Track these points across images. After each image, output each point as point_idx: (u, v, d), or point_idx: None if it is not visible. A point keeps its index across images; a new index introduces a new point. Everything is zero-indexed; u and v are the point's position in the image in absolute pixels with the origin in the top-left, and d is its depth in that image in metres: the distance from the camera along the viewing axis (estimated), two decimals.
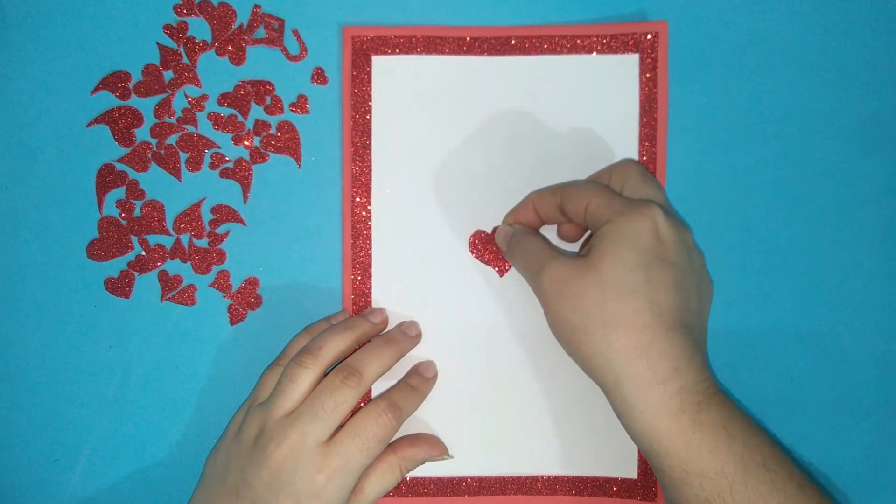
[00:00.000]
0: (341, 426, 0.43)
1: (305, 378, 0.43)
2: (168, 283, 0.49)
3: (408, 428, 0.48)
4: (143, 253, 0.49)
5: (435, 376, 0.48)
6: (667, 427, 0.38)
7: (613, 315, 0.39)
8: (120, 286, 0.49)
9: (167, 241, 0.49)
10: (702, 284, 0.42)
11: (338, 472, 0.42)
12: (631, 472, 0.48)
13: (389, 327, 0.48)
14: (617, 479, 0.49)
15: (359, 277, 0.48)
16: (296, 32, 0.48)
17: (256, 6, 0.48)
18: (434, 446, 0.47)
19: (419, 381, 0.47)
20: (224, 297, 0.49)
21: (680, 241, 0.41)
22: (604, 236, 0.40)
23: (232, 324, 0.49)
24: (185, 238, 0.49)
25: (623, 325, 0.39)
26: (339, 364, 0.44)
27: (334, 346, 0.44)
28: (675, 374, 0.38)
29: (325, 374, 0.44)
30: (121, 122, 0.48)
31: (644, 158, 0.48)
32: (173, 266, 0.49)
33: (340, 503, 0.42)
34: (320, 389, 0.43)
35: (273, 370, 0.46)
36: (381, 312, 0.48)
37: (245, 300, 0.49)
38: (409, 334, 0.47)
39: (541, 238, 0.45)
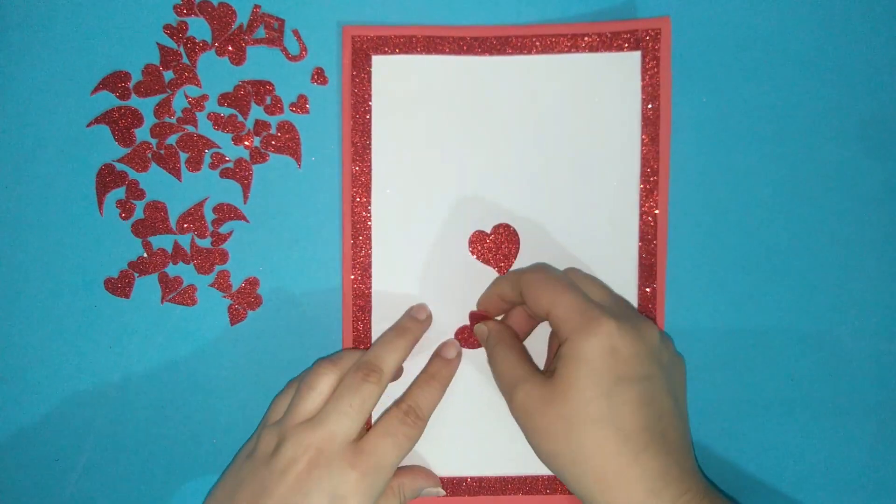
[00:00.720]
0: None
1: (325, 382, 0.43)
2: (168, 285, 0.49)
3: None
4: (146, 255, 0.49)
5: (457, 357, 0.48)
6: None
7: (581, 448, 0.39)
8: (120, 286, 0.49)
9: (168, 244, 0.49)
10: (673, 380, 0.42)
11: (372, 470, 0.41)
12: None
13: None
14: None
15: (359, 277, 0.48)
16: (296, 32, 0.48)
17: (256, 6, 0.48)
18: (431, 477, 0.47)
19: (439, 365, 0.47)
20: (224, 296, 0.49)
21: (639, 351, 0.40)
22: (563, 359, 0.40)
23: (232, 324, 0.49)
24: (186, 239, 0.49)
25: (592, 458, 0.39)
26: (357, 362, 0.44)
27: (351, 354, 0.45)
28: (650, 496, 0.38)
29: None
30: (121, 122, 0.48)
31: (646, 157, 0.48)
32: (174, 268, 0.49)
33: None
34: (342, 390, 0.43)
35: (285, 392, 0.45)
36: (422, 309, 0.48)
37: (245, 300, 0.49)
38: (419, 318, 0.47)
39: (515, 349, 0.44)
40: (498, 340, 0.45)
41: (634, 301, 0.48)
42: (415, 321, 0.47)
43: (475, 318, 0.48)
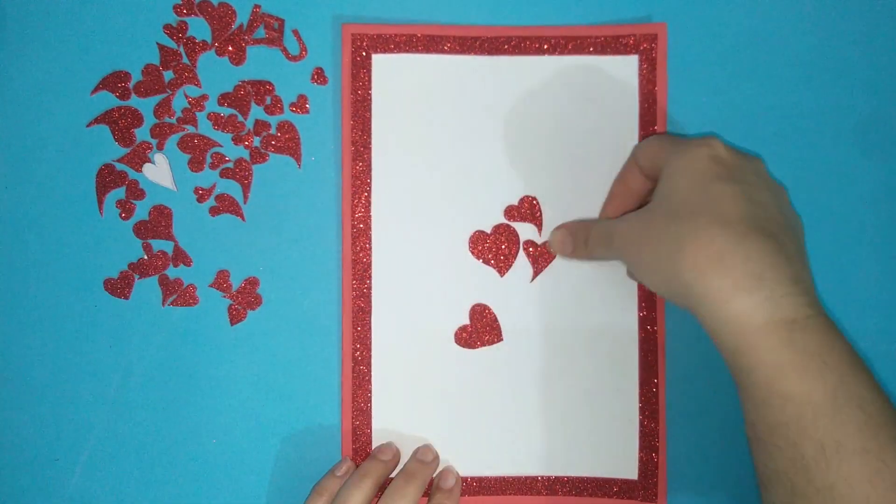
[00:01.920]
0: None
1: None
2: (168, 287, 0.49)
3: (411, 428, 0.48)
4: (146, 257, 0.49)
5: (432, 458, 0.48)
6: (755, 342, 0.36)
7: (681, 237, 0.38)
8: (119, 287, 0.49)
9: (169, 247, 0.49)
10: (785, 209, 0.41)
11: None
12: (631, 472, 0.48)
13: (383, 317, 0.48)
14: (617, 479, 0.48)
15: (358, 277, 0.48)
16: (296, 32, 0.48)
17: (256, 6, 0.48)
18: None
19: (442, 496, 0.47)
20: (224, 296, 0.49)
21: (744, 163, 0.40)
22: (663, 178, 0.41)
23: (232, 324, 0.49)
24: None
25: (691, 244, 0.37)
26: None
27: (357, 500, 0.44)
28: (757, 281, 0.36)
29: None
30: (121, 122, 0.48)
31: None
32: (174, 270, 0.49)
33: None
34: None
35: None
36: (389, 449, 0.48)
37: (245, 300, 0.49)
38: (426, 461, 0.47)
39: (599, 220, 0.46)
40: (580, 225, 0.47)
41: (635, 305, 0.48)
42: (423, 465, 0.47)
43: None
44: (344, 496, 0.44)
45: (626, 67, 0.48)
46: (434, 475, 0.48)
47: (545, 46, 0.48)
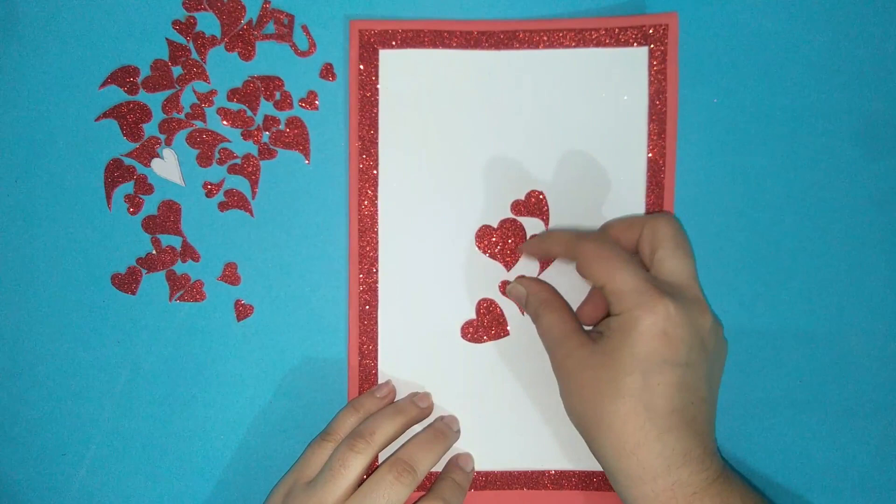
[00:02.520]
0: None
1: (358, 462, 0.43)
2: (176, 283, 0.49)
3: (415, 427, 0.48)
4: (154, 252, 0.49)
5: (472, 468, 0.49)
6: None
7: (608, 416, 0.40)
8: (127, 283, 0.49)
9: (177, 243, 0.49)
10: (714, 367, 0.43)
11: None
12: None
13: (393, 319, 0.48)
14: None
15: (366, 272, 0.48)
16: (305, 28, 0.49)
17: (266, 2, 0.48)
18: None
19: (462, 476, 0.47)
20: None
21: (690, 338, 0.40)
22: (613, 330, 0.41)
23: (238, 319, 0.49)
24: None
25: (616, 428, 0.40)
26: (391, 457, 0.45)
27: (386, 430, 0.45)
28: (665, 472, 0.39)
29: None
30: (129, 117, 0.48)
31: (652, 153, 0.48)
32: (181, 265, 0.49)
33: None
34: (374, 483, 0.43)
35: (319, 445, 0.46)
36: (427, 397, 0.48)
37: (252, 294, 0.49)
38: (453, 429, 0.48)
39: (562, 308, 0.45)
40: (542, 301, 0.46)
41: None
42: (450, 430, 0.47)
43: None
44: (375, 422, 0.45)
45: (635, 59, 0.48)
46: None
47: (552, 40, 0.48)
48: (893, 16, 0.49)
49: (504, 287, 0.48)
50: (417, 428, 0.48)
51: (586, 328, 0.44)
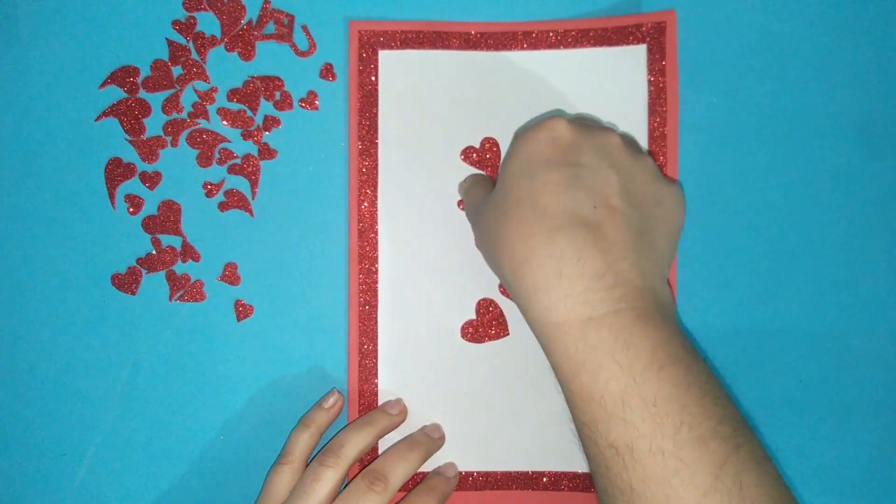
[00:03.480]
0: None
1: (329, 477, 0.43)
2: (176, 283, 0.49)
3: (416, 422, 0.48)
4: (154, 252, 0.49)
5: (454, 474, 0.48)
6: (553, 340, 0.36)
7: (503, 230, 0.38)
8: (127, 283, 0.49)
9: (177, 243, 0.49)
10: (634, 183, 0.39)
11: None
12: None
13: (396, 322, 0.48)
14: None
15: (365, 272, 0.48)
16: (305, 28, 0.49)
17: (266, 1, 0.49)
18: None
19: (438, 481, 0.47)
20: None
21: (583, 141, 0.38)
22: (503, 159, 0.40)
23: (238, 320, 0.49)
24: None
25: (510, 238, 0.37)
26: (364, 469, 0.44)
27: (356, 442, 0.44)
28: (556, 280, 0.36)
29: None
30: (129, 114, 0.48)
31: (652, 152, 0.48)
32: (181, 265, 0.49)
33: None
34: (347, 495, 0.43)
35: (277, 470, 0.45)
36: (398, 403, 0.48)
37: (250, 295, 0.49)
38: (433, 436, 0.47)
39: (483, 179, 0.46)
40: (469, 181, 0.47)
41: None
42: (429, 438, 0.47)
43: None
44: (343, 437, 0.44)
45: (634, 57, 0.48)
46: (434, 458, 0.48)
47: (552, 40, 0.48)
48: (893, 16, 0.49)
49: (503, 287, 0.49)
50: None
51: None
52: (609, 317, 0.35)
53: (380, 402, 0.48)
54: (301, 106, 0.49)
